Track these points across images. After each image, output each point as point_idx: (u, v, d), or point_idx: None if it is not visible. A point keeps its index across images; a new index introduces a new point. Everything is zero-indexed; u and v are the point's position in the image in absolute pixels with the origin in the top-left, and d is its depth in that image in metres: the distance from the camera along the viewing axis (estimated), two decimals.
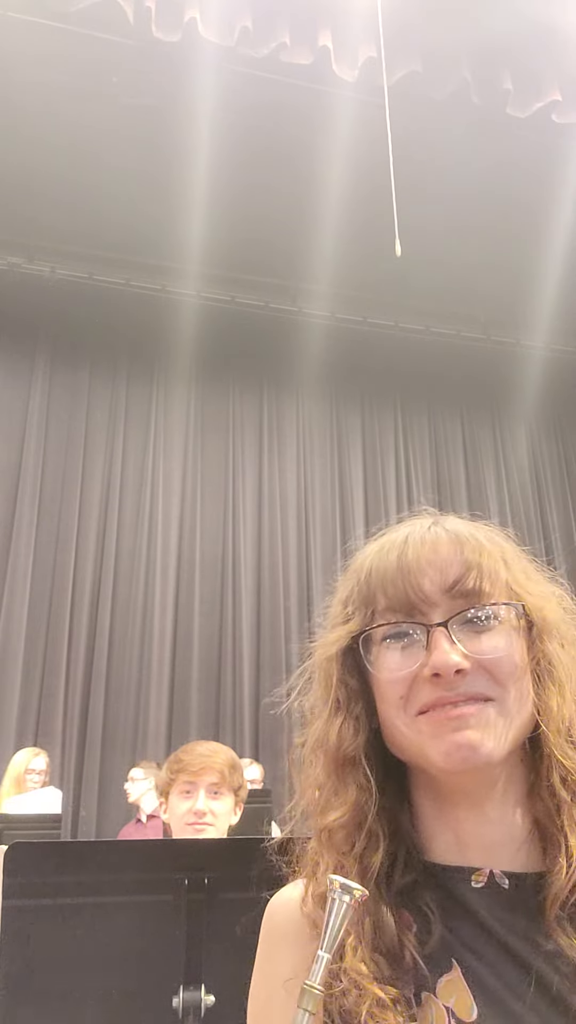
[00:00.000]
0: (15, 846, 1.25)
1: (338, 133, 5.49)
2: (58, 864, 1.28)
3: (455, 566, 0.71)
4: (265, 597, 7.19)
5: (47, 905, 1.23)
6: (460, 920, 0.67)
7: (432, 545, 0.72)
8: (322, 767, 0.73)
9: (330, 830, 0.70)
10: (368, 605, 0.73)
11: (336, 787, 0.72)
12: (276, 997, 0.69)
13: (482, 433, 8.46)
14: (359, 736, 0.72)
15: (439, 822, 0.71)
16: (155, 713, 6.54)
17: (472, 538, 0.73)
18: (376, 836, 0.70)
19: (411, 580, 0.71)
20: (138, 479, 7.24)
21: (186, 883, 1.26)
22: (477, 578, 0.70)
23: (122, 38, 5.04)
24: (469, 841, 0.70)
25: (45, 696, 6.39)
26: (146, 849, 1.48)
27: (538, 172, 5.94)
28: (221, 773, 1.98)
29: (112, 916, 1.25)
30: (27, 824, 3.47)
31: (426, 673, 0.67)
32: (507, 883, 0.68)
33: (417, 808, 0.73)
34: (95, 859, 1.32)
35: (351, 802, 0.70)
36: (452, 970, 0.65)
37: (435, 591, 0.70)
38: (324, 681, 0.76)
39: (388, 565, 0.73)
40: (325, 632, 0.78)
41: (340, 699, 0.73)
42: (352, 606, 0.75)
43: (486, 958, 0.65)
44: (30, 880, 1.23)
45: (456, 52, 5.35)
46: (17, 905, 1.21)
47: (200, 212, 6.05)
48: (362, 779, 0.71)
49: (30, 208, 6.27)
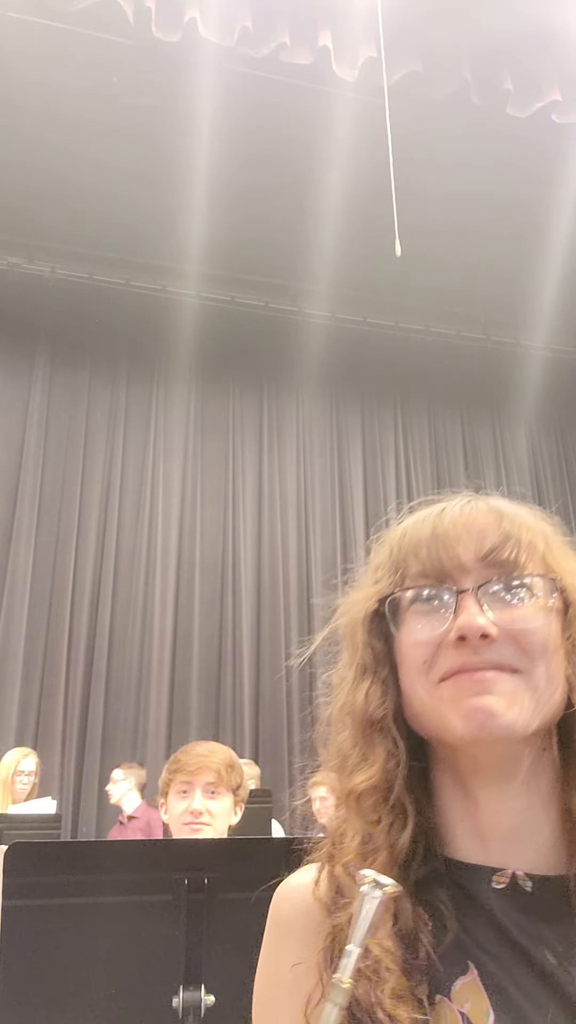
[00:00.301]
0: (15, 846, 1.25)
1: (338, 133, 5.49)
2: (58, 864, 1.28)
3: (492, 535, 0.68)
4: (265, 597, 7.19)
5: (47, 905, 1.23)
6: (477, 921, 0.64)
7: (470, 514, 0.71)
8: (349, 732, 0.71)
9: (358, 794, 0.68)
10: (398, 569, 0.71)
11: (364, 751, 0.69)
12: (283, 987, 0.67)
13: (482, 433, 8.46)
14: (387, 700, 0.69)
15: (459, 810, 0.68)
16: (155, 713, 6.54)
17: (512, 512, 0.71)
18: (403, 811, 0.67)
19: (445, 545, 0.69)
20: (138, 479, 7.24)
21: (186, 883, 1.26)
22: (514, 549, 0.68)
23: (122, 38, 5.04)
24: (490, 833, 0.66)
25: (45, 696, 6.39)
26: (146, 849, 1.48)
27: (538, 172, 5.94)
28: (218, 772, 1.98)
29: (112, 916, 1.25)
30: (27, 824, 3.47)
31: (451, 637, 0.65)
32: (530, 886, 0.64)
33: (438, 794, 0.70)
34: (95, 859, 1.32)
35: (379, 765, 0.68)
36: (468, 973, 0.62)
37: (470, 558, 0.68)
38: (350, 645, 0.74)
39: (423, 531, 0.71)
40: (352, 594, 0.76)
41: (367, 663, 0.71)
42: (382, 571, 0.73)
43: (504, 962, 0.62)
44: (30, 880, 1.23)
45: (456, 52, 5.35)
46: (17, 905, 1.21)
47: (200, 212, 6.05)
48: (390, 744, 0.68)
49: (30, 208, 6.27)
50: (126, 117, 5.51)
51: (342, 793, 0.69)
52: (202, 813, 1.95)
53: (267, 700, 6.85)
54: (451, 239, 6.41)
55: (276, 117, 5.55)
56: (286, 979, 0.66)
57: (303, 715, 6.85)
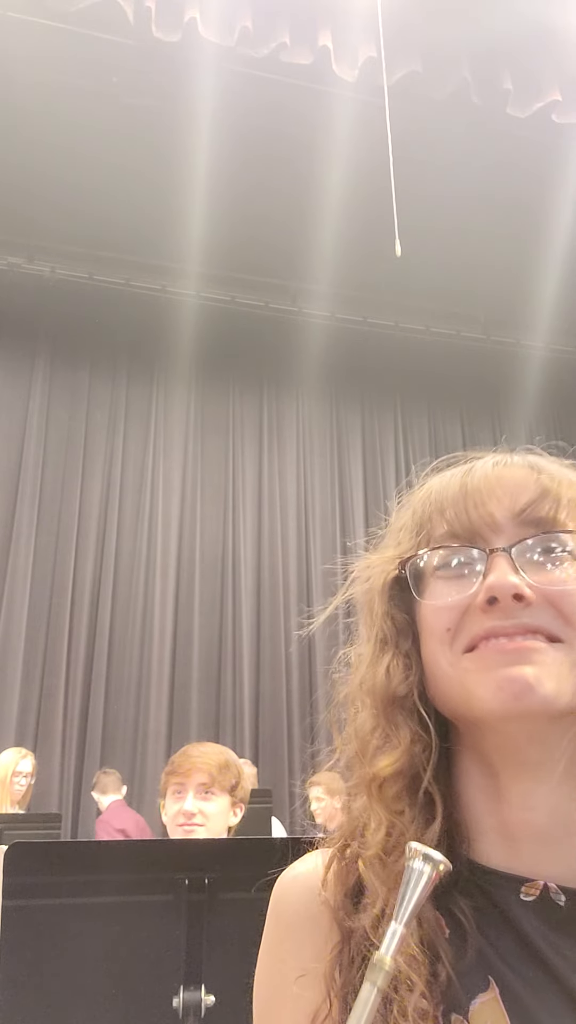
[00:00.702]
0: (15, 846, 1.25)
1: (338, 133, 5.49)
2: (58, 864, 1.28)
3: (528, 491, 0.61)
4: (265, 597, 7.19)
5: (47, 905, 1.23)
6: (501, 934, 0.57)
7: (504, 469, 0.63)
8: (369, 712, 0.63)
9: (381, 780, 0.60)
10: (422, 530, 0.64)
11: (387, 732, 0.62)
12: (286, 990, 0.60)
13: (482, 433, 8.46)
14: (411, 675, 0.62)
15: (486, 804, 0.60)
16: (155, 713, 6.54)
17: (550, 467, 0.64)
18: (431, 802, 0.60)
19: (475, 502, 0.62)
20: (138, 479, 7.24)
21: (186, 883, 1.25)
22: (553, 505, 0.60)
23: (122, 38, 5.04)
24: (519, 834, 0.59)
25: (45, 696, 6.39)
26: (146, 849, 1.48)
27: (538, 172, 5.94)
28: (210, 774, 1.98)
29: (112, 916, 1.25)
30: (27, 824, 3.47)
31: (480, 599, 0.57)
32: (563, 900, 0.57)
33: (462, 786, 0.62)
34: (95, 859, 1.32)
35: (405, 747, 0.60)
36: (488, 989, 0.56)
37: (503, 514, 0.61)
38: (368, 615, 0.66)
39: (450, 488, 0.64)
40: (368, 557, 0.68)
41: (387, 634, 0.64)
42: (404, 532, 0.66)
43: (529, 981, 0.55)
44: (30, 880, 1.23)
45: (456, 52, 5.35)
46: (17, 905, 1.21)
47: (200, 212, 6.05)
48: (416, 724, 0.61)
49: (30, 208, 6.27)
50: (126, 117, 5.51)
51: (363, 780, 0.62)
52: (195, 814, 1.95)
53: (267, 700, 6.86)
54: (451, 239, 6.41)
55: (276, 117, 5.55)
56: (289, 986, 0.60)
57: (303, 715, 6.85)
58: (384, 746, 0.61)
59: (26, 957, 1.20)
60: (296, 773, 6.60)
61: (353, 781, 0.64)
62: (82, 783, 6.21)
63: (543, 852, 0.58)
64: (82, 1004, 1.20)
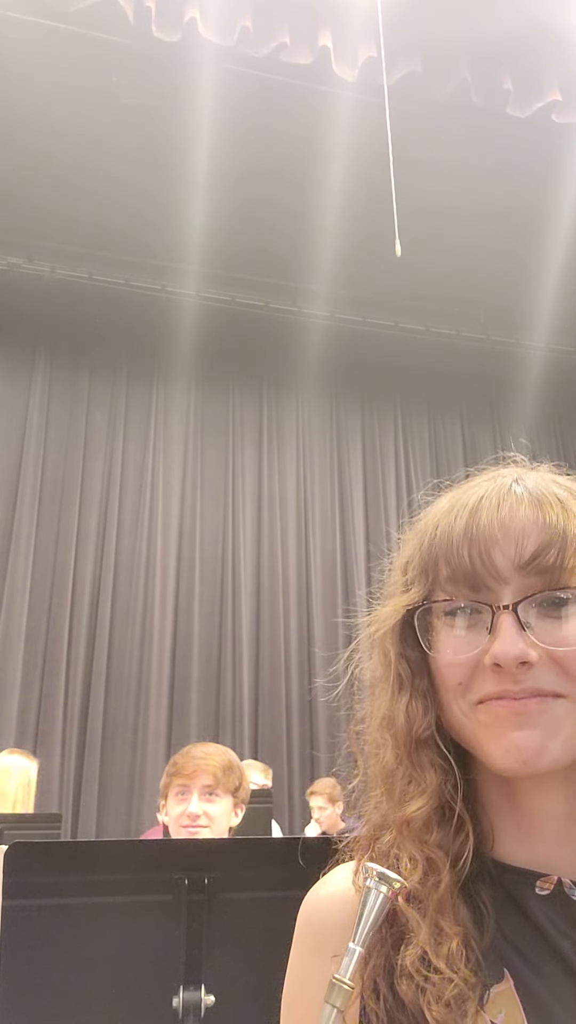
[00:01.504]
0: (15, 846, 1.25)
1: (338, 133, 5.49)
2: (58, 864, 1.28)
3: (533, 536, 0.60)
4: (265, 597, 7.19)
5: (47, 905, 1.23)
6: (517, 927, 0.60)
7: (509, 509, 0.62)
8: (391, 752, 0.65)
9: (410, 821, 0.62)
10: (428, 574, 0.65)
11: (411, 773, 0.64)
12: (312, 1005, 0.61)
13: (482, 433, 8.46)
14: (429, 714, 0.64)
15: (504, 812, 0.64)
16: (155, 713, 6.54)
17: (556, 501, 0.63)
18: (463, 821, 0.63)
19: (479, 550, 0.61)
20: (138, 479, 7.24)
21: (186, 883, 1.25)
22: (559, 553, 0.60)
23: (122, 38, 5.04)
24: (535, 837, 0.62)
25: (45, 696, 6.39)
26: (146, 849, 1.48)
27: (538, 172, 5.93)
28: (215, 775, 1.98)
29: (112, 916, 1.25)
30: (27, 824, 3.47)
31: (487, 661, 0.59)
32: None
33: (483, 795, 0.65)
34: (95, 859, 1.32)
35: (433, 788, 0.62)
36: (503, 981, 0.58)
37: (507, 566, 0.60)
38: (382, 656, 0.68)
39: (455, 531, 0.63)
40: (382, 601, 0.69)
41: (402, 675, 0.65)
42: (412, 573, 0.66)
43: (543, 972, 0.58)
44: (30, 880, 1.23)
45: (456, 52, 5.35)
46: (17, 905, 1.21)
47: (200, 212, 6.05)
48: (439, 760, 0.63)
49: (30, 208, 6.27)
50: (126, 117, 5.51)
51: (393, 821, 0.64)
52: (199, 816, 1.95)
53: (267, 700, 6.85)
54: (451, 239, 6.41)
55: (276, 117, 5.54)
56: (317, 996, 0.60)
57: (303, 715, 6.85)
58: (410, 788, 0.63)
59: (26, 957, 1.20)
60: (295, 773, 6.60)
61: (378, 812, 0.66)
62: (82, 783, 6.21)
63: (558, 851, 0.61)
64: (82, 1004, 1.20)
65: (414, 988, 0.57)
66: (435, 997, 0.56)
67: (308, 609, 7.22)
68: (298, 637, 7.13)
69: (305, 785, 5.98)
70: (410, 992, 0.57)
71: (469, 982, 0.57)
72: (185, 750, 2.09)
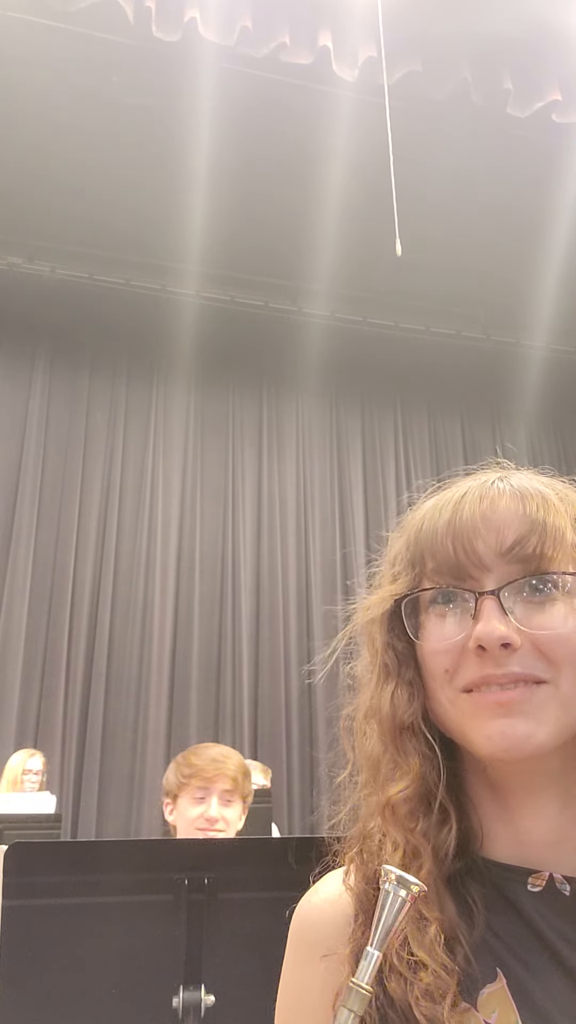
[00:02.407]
0: (15, 846, 1.25)
1: (338, 133, 5.49)
2: (58, 864, 1.29)
3: (514, 526, 0.62)
4: (265, 597, 7.19)
5: (47, 905, 1.23)
6: (509, 924, 0.60)
7: (490, 502, 0.64)
8: (377, 738, 0.66)
9: (393, 804, 0.63)
10: (415, 566, 0.66)
11: (395, 758, 0.65)
12: (309, 1013, 0.63)
13: (482, 433, 8.46)
14: (415, 701, 0.65)
15: (494, 811, 0.65)
16: (155, 713, 6.54)
17: (538, 494, 0.65)
18: (446, 810, 0.63)
19: (462, 540, 0.63)
20: (138, 479, 7.24)
21: (186, 883, 1.26)
22: (539, 541, 0.61)
23: (122, 38, 5.04)
24: (525, 837, 0.63)
25: (45, 696, 6.39)
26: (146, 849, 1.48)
27: (538, 172, 5.93)
28: (235, 780, 1.99)
29: (112, 916, 1.25)
30: (27, 824, 3.47)
31: (471, 646, 0.60)
32: (568, 889, 0.60)
33: (471, 791, 0.66)
34: (95, 859, 1.32)
35: (415, 772, 0.63)
36: (496, 980, 0.58)
37: (489, 554, 0.62)
38: (370, 646, 0.69)
39: (439, 524, 0.65)
40: (369, 592, 0.71)
41: (389, 664, 0.67)
42: (399, 566, 0.68)
43: (535, 969, 0.58)
44: (30, 880, 1.23)
45: (456, 52, 5.35)
46: (17, 905, 1.21)
47: (200, 212, 6.05)
48: (424, 747, 0.64)
49: (30, 208, 6.27)
50: (126, 117, 5.51)
51: (378, 804, 0.65)
52: (218, 820, 1.95)
53: (267, 700, 6.85)
54: (451, 239, 6.41)
55: (276, 117, 5.54)
56: (313, 1005, 0.62)
57: (302, 715, 6.85)
58: (394, 772, 0.65)
59: (26, 957, 1.20)
60: (295, 773, 6.60)
61: (367, 804, 0.67)
62: (82, 783, 6.21)
63: (548, 849, 0.62)
64: (82, 1004, 1.20)
65: (402, 985, 0.57)
66: (421, 992, 0.56)
67: (308, 609, 7.22)
68: (298, 637, 7.13)
69: (305, 785, 5.99)
70: (399, 989, 0.57)
71: (454, 973, 0.57)
72: (198, 751, 2.08)
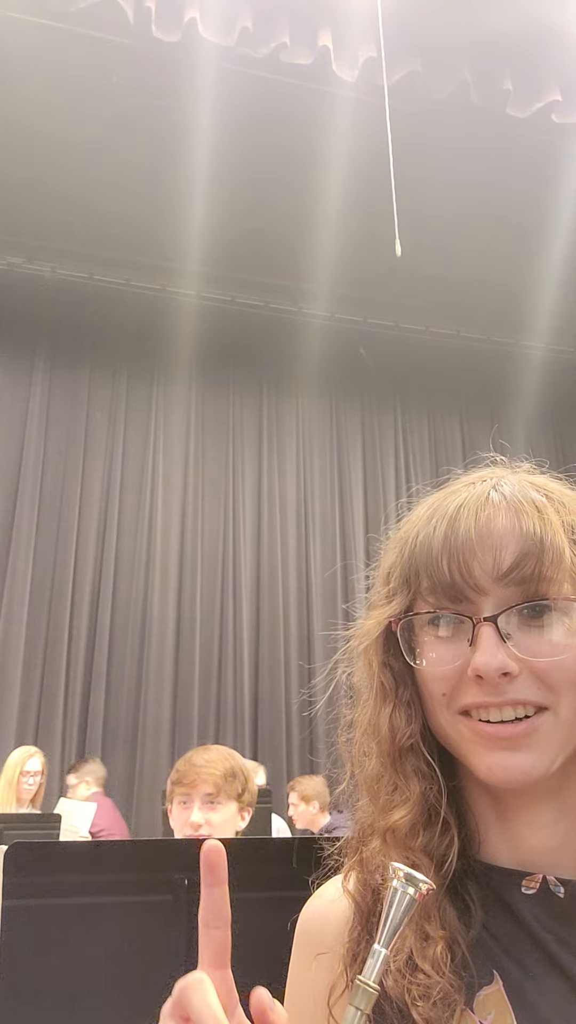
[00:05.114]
0: (15, 846, 1.25)
1: (338, 133, 5.49)
2: (58, 864, 1.28)
3: (511, 546, 0.60)
4: (265, 597, 7.19)
5: (47, 905, 1.23)
6: (505, 926, 0.61)
7: (486, 519, 0.62)
8: (376, 759, 0.66)
9: (394, 829, 0.63)
10: (410, 584, 0.65)
11: (395, 781, 0.65)
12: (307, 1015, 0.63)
13: (482, 433, 8.46)
14: (413, 723, 0.64)
15: (491, 819, 0.65)
16: (155, 713, 6.54)
17: (533, 509, 0.63)
18: (448, 824, 0.63)
19: (458, 562, 0.61)
20: (138, 479, 7.24)
21: (186, 883, 1.25)
22: (537, 563, 0.60)
23: (122, 38, 5.04)
24: (521, 843, 0.63)
25: (45, 696, 6.39)
26: (146, 849, 1.48)
27: (538, 172, 5.93)
28: (215, 784, 1.96)
29: (112, 916, 1.25)
30: (27, 824, 3.47)
31: (469, 673, 0.60)
32: (561, 891, 0.61)
33: (468, 798, 0.66)
34: (95, 859, 1.32)
35: (416, 796, 0.63)
36: (493, 982, 0.59)
37: (486, 577, 0.60)
38: (366, 666, 0.68)
39: (435, 541, 0.63)
40: (365, 611, 0.70)
41: (386, 684, 0.66)
42: (394, 583, 0.67)
43: (531, 971, 0.59)
44: (30, 880, 1.23)
45: (456, 52, 5.34)
46: (17, 905, 1.21)
47: (200, 212, 6.05)
48: (424, 767, 0.64)
49: (30, 208, 6.27)
50: (126, 117, 5.51)
51: (379, 829, 0.64)
52: (201, 825, 1.94)
53: (267, 700, 6.86)
54: (451, 239, 6.41)
55: (276, 117, 5.54)
56: (312, 1003, 0.63)
57: (302, 715, 6.85)
58: (394, 796, 0.64)
59: (26, 957, 1.20)
60: (295, 772, 6.60)
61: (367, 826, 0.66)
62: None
63: (543, 854, 0.63)
64: (82, 1004, 1.20)
65: (401, 986, 0.58)
66: (420, 995, 0.57)
67: (308, 609, 7.22)
68: (298, 637, 7.13)
69: None
70: (396, 989, 0.58)
71: (455, 984, 0.58)
72: (187, 756, 2.07)
